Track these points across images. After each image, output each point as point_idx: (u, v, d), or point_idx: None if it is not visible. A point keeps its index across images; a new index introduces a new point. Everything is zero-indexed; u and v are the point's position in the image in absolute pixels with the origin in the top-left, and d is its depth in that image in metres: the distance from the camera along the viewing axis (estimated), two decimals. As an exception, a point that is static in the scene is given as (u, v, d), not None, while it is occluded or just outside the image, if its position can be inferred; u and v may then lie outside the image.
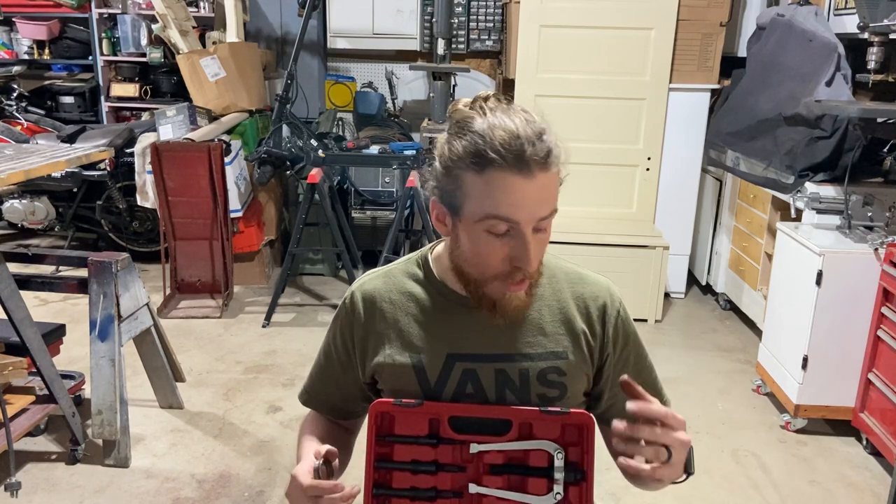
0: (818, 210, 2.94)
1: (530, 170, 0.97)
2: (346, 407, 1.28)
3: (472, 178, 1.00)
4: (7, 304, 2.27)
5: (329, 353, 1.26)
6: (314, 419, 1.29)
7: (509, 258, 1.03)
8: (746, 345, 3.75)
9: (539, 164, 0.98)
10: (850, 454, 2.77)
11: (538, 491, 1.12)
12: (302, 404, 1.32)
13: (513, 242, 1.02)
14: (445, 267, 1.16)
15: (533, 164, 0.97)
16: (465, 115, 1.04)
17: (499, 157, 0.97)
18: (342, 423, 1.31)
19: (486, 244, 1.03)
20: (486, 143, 0.98)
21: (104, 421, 2.49)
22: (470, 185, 1.01)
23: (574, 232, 3.93)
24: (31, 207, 4.49)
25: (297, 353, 3.51)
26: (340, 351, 1.23)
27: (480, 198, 1.00)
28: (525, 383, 1.14)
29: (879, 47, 3.04)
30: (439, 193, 1.07)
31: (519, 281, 1.06)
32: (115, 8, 4.89)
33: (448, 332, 1.16)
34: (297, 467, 1.08)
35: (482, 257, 1.04)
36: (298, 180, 4.30)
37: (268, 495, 2.43)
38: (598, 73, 4.11)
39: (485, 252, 1.04)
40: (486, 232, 1.02)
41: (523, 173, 0.98)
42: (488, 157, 0.98)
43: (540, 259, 1.08)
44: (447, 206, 1.06)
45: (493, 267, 1.05)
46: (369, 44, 4.96)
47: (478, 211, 1.01)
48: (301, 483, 1.04)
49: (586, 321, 1.17)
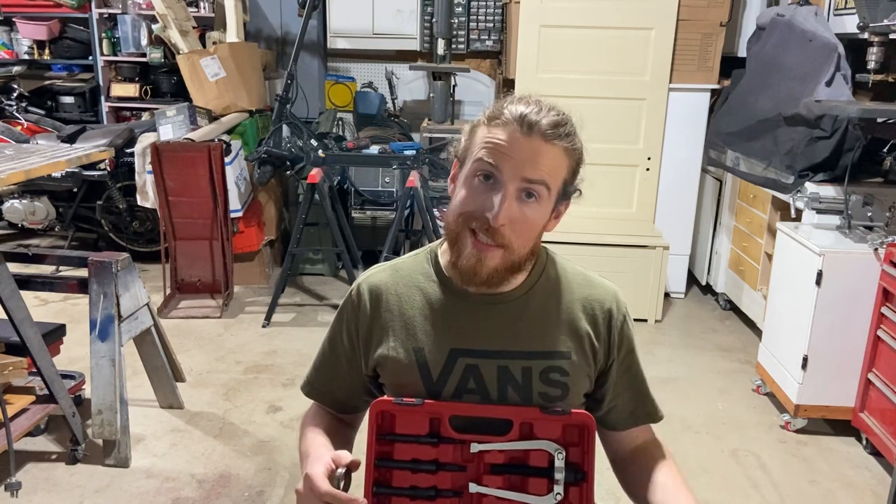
0: (818, 210, 2.94)
1: (530, 130, 1.06)
2: (348, 401, 1.28)
3: (481, 130, 1.11)
4: (7, 304, 2.27)
5: (334, 345, 1.26)
6: (316, 413, 1.29)
7: (485, 206, 1.06)
8: (746, 345, 3.75)
9: (540, 130, 1.06)
10: (850, 454, 2.77)
11: (538, 491, 1.12)
12: (305, 395, 1.31)
13: (493, 193, 1.07)
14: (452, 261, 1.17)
15: (534, 126, 1.06)
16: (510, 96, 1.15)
17: (509, 114, 1.07)
18: (344, 417, 1.31)
19: (469, 186, 1.09)
20: (506, 105, 1.10)
21: (104, 421, 2.49)
22: (478, 136, 1.11)
23: (574, 232, 3.93)
24: (32, 207, 4.49)
25: (297, 353, 3.51)
26: (346, 344, 1.23)
27: (480, 143, 1.09)
28: (527, 381, 1.15)
29: (879, 47, 3.04)
30: (457, 152, 1.16)
31: (486, 243, 1.07)
32: (115, 8, 4.89)
33: (452, 327, 1.16)
34: (311, 468, 1.05)
35: (463, 199, 1.09)
36: (298, 180, 4.30)
37: (268, 495, 2.43)
38: (598, 73, 4.11)
39: (468, 194, 1.09)
40: (473, 176, 1.09)
41: (522, 131, 1.06)
42: (501, 113, 1.08)
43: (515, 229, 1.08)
44: (459, 161, 1.14)
45: (470, 209, 1.08)
46: (369, 44, 4.96)
47: (474, 154, 1.10)
48: (318, 487, 1.02)
49: (591, 324, 1.18)
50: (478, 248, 1.08)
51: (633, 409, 1.23)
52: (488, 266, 1.09)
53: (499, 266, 1.09)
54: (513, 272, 1.13)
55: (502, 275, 1.12)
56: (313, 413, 1.29)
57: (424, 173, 3.93)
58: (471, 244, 1.08)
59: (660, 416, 1.25)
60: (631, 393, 1.23)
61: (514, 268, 1.12)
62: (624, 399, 1.22)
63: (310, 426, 1.24)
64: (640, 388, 1.23)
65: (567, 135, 1.09)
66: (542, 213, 1.10)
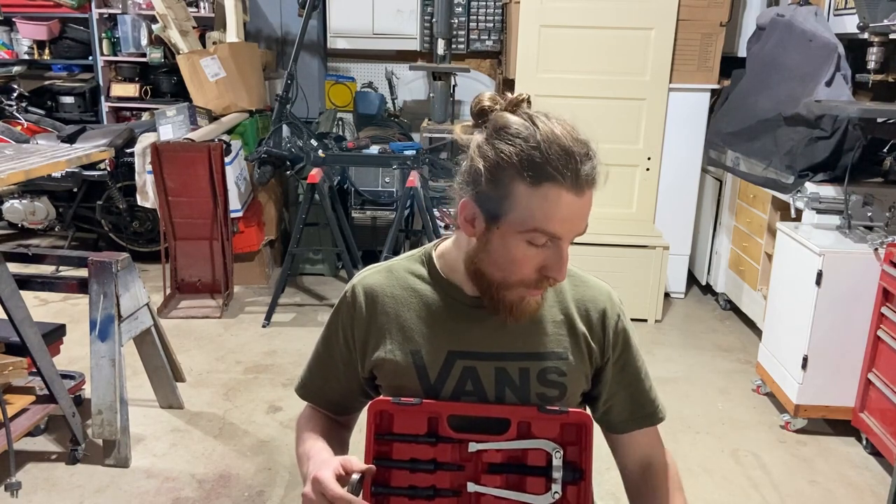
0: (818, 210, 2.94)
1: (583, 189, 1.00)
2: (344, 402, 1.27)
3: (525, 189, 0.99)
4: (7, 304, 2.27)
5: (329, 346, 1.25)
6: (311, 416, 1.28)
7: (541, 268, 1.05)
8: (746, 345, 3.75)
9: (590, 183, 1.01)
10: (850, 454, 2.77)
11: (536, 490, 1.12)
12: (299, 397, 1.30)
13: (547, 253, 1.03)
14: (451, 265, 1.17)
15: (585, 182, 1.00)
16: (509, 120, 1.03)
17: (558, 175, 0.98)
18: (339, 418, 1.30)
19: (523, 253, 1.03)
20: (544, 158, 0.98)
21: (104, 421, 2.50)
22: (520, 196, 1.00)
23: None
24: (32, 207, 4.50)
25: (297, 353, 3.51)
26: (341, 345, 1.23)
27: (530, 210, 1.00)
28: (525, 382, 1.15)
29: (879, 47, 3.04)
30: (477, 196, 1.04)
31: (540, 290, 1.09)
32: (115, 8, 4.89)
33: (449, 329, 1.16)
34: (318, 471, 1.02)
35: (514, 264, 1.05)
36: (298, 180, 4.30)
37: (268, 495, 2.43)
38: (598, 73, 4.11)
39: (520, 261, 1.04)
40: (525, 242, 1.02)
41: (576, 191, 0.99)
42: (547, 173, 0.98)
43: None
44: (484, 211, 1.04)
45: (524, 275, 1.06)
46: (369, 44, 4.96)
47: (525, 222, 1.00)
48: (330, 490, 0.99)
49: (586, 324, 1.18)
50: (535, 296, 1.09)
51: (631, 410, 1.22)
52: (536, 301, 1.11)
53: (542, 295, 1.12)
54: None
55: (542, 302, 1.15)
56: (308, 415, 1.29)
57: (424, 173, 3.94)
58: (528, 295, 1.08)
59: (660, 416, 1.23)
60: (627, 393, 1.21)
61: None
62: (620, 399, 1.21)
63: (306, 429, 1.24)
64: (637, 388, 1.22)
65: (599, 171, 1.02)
66: None
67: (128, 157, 4.24)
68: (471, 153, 1.05)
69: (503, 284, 1.07)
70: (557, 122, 1.03)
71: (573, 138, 1.01)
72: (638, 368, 1.22)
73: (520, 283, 1.06)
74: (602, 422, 1.24)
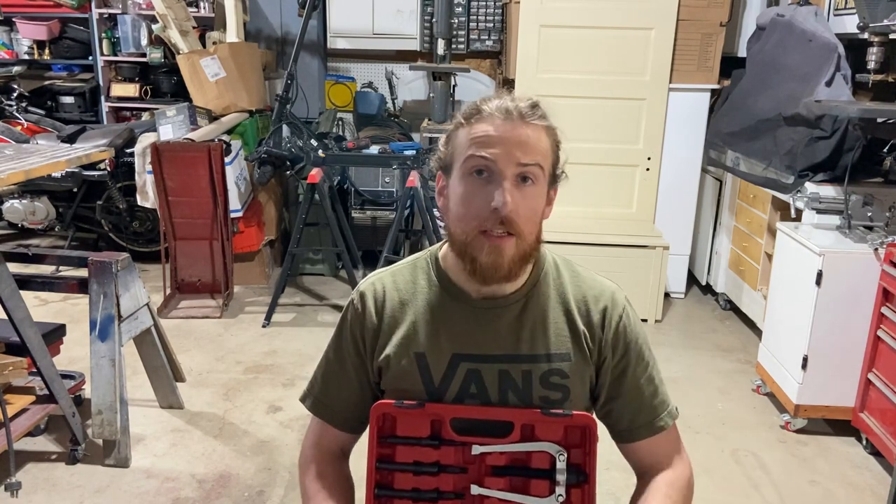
0: (818, 210, 2.94)
1: (512, 117, 1.07)
2: (357, 414, 1.23)
3: (462, 131, 1.11)
4: (7, 304, 2.27)
5: (341, 356, 1.22)
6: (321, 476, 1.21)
7: (488, 202, 1.06)
8: (746, 345, 3.75)
9: (521, 114, 1.08)
10: (850, 454, 2.77)
11: (540, 492, 1.12)
12: (310, 412, 1.25)
13: (492, 186, 1.06)
14: (452, 265, 1.17)
15: (515, 113, 1.08)
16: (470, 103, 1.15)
17: (487, 108, 1.09)
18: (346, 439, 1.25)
19: (468, 187, 1.08)
20: (480, 102, 1.11)
21: (104, 421, 2.49)
22: (460, 138, 1.11)
23: (574, 232, 3.93)
24: (32, 207, 4.49)
25: (297, 353, 3.51)
26: (352, 352, 1.21)
27: (466, 142, 1.09)
28: (528, 385, 1.14)
29: (879, 47, 3.04)
30: (440, 163, 1.16)
31: (499, 235, 1.06)
32: (115, 8, 4.89)
33: (454, 331, 1.16)
34: None
35: (464, 203, 1.08)
36: (298, 180, 4.29)
37: (268, 495, 2.43)
38: (598, 73, 4.11)
39: (466, 197, 1.08)
40: (467, 174, 1.08)
41: (504, 119, 1.07)
42: (479, 109, 1.10)
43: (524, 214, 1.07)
44: (444, 172, 1.14)
45: (474, 210, 1.07)
46: (369, 44, 4.96)
47: (462, 154, 1.09)
48: None
49: (586, 322, 1.17)
50: (494, 243, 1.07)
51: (630, 419, 1.18)
52: (507, 256, 1.08)
53: (515, 255, 1.09)
54: (525, 261, 1.12)
55: (519, 265, 1.11)
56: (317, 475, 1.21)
57: (424, 173, 3.93)
58: (486, 242, 1.07)
59: (658, 426, 1.18)
60: (625, 400, 1.18)
61: (526, 256, 1.11)
62: (618, 406, 1.18)
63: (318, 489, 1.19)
64: (635, 396, 1.18)
65: (544, 115, 1.11)
66: (541, 196, 1.11)
67: (128, 157, 4.23)
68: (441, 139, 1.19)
69: (466, 238, 1.09)
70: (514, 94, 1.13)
71: (517, 96, 1.11)
72: (637, 375, 1.18)
73: (476, 226, 1.07)
74: (608, 427, 1.22)
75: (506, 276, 1.11)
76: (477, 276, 1.11)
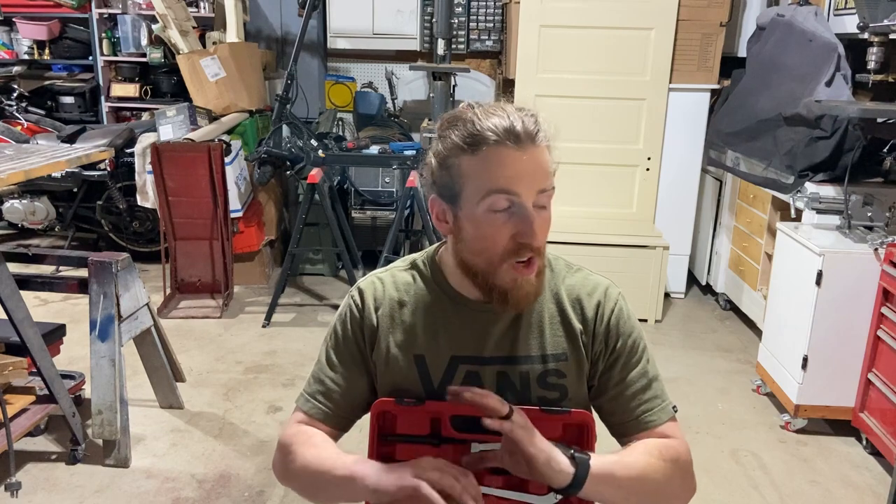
0: (818, 210, 2.94)
1: (522, 142, 1.01)
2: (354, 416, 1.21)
3: (467, 160, 1.04)
4: (7, 304, 2.27)
5: (341, 356, 1.20)
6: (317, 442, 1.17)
7: (514, 235, 1.04)
8: (746, 345, 3.75)
9: (530, 137, 1.02)
10: (850, 454, 2.77)
11: (539, 490, 1.12)
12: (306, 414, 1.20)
13: (515, 218, 1.03)
14: (450, 268, 1.16)
15: (524, 136, 1.02)
16: (454, 113, 1.08)
17: (492, 134, 1.01)
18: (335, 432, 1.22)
19: (490, 224, 1.04)
20: (479, 125, 1.03)
21: (104, 421, 2.49)
22: (466, 168, 1.04)
23: (574, 232, 3.93)
24: (32, 207, 4.49)
25: (297, 353, 3.51)
26: (353, 351, 1.19)
27: (478, 177, 1.03)
28: (525, 386, 1.14)
29: (879, 47, 3.04)
30: (437, 189, 1.09)
31: (527, 262, 1.05)
32: (115, 8, 4.89)
33: (452, 333, 1.16)
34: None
35: (487, 239, 1.05)
36: (298, 180, 4.30)
37: (268, 495, 2.43)
38: (598, 73, 4.11)
39: (489, 232, 1.04)
40: (488, 211, 1.04)
41: (517, 145, 1.01)
42: (482, 136, 1.02)
43: (545, 237, 1.07)
44: (446, 200, 1.08)
45: (499, 247, 1.04)
46: (369, 44, 4.96)
47: (478, 190, 1.03)
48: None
49: (581, 319, 1.17)
50: (525, 275, 1.06)
51: (622, 413, 1.15)
52: (536, 281, 1.08)
53: (538, 272, 1.09)
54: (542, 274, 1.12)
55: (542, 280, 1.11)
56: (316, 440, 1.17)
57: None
58: (517, 275, 1.06)
59: (648, 420, 1.14)
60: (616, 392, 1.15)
61: (543, 269, 1.11)
62: (611, 397, 1.16)
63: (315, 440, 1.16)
64: (627, 389, 1.15)
65: (546, 132, 1.05)
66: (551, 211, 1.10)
67: (128, 157, 4.23)
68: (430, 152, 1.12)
69: (489, 269, 1.07)
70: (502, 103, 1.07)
71: (512, 108, 1.05)
72: (629, 368, 1.16)
73: (501, 260, 1.05)
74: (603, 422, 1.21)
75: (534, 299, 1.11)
76: (510, 306, 1.09)
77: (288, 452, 1.18)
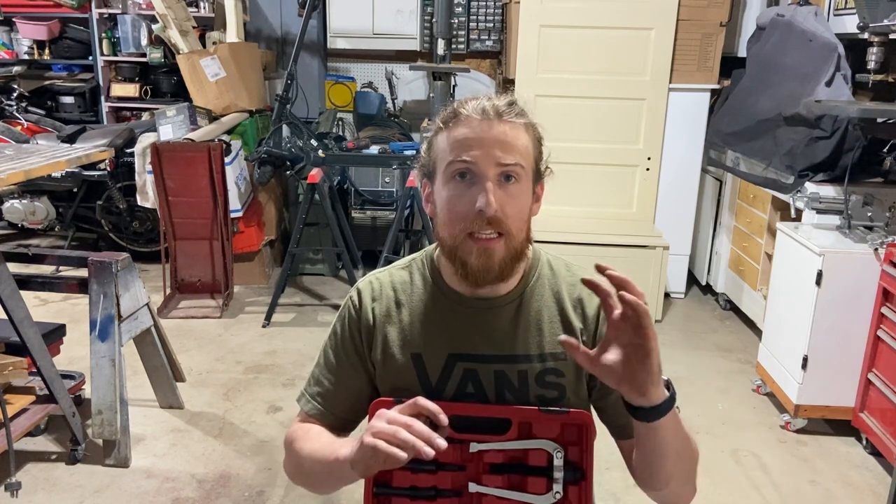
0: (818, 210, 2.94)
1: (489, 116, 1.07)
2: (354, 417, 1.22)
3: (441, 136, 1.11)
4: (7, 304, 2.27)
5: (340, 357, 1.21)
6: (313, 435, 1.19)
7: (472, 204, 1.05)
8: (746, 345, 3.75)
9: (497, 112, 1.07)
10: (850, 454, 2.77)
11: (538, 490, 1.12)
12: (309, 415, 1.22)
13: (475, 188, 1.06)
14: (445, 267, 1.17)
15: (492, 111, 1.07)
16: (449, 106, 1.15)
17: (464, 110, 1.08)
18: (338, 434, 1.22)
19: (451, 191, 1.08)
20: (458, 106, 1.10)
21: (104, 421, 2.49)
22: (440, 143, 1.11)
23: (574, 232, 3.93)
24: (32, 207, 4.50)
25: (297, 353, 3.51)
26: (350, 352, 1.20)
27: (446, 148, 1.09)
28: (524, 385, 1.14)
29: (879, 47, 3.04)
30: (423, 170, 1.16)
31: (487, 237, 1.06)
32: (115, 8, 4.89)
33: (450, 332, 1.16)
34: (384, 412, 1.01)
35: (448, 208, 1.08)
36: (298, 180, 4.30)
37: (268, 495, 2.43)
38: (598, 73, 4.11)
39: (451, 201, 1.08)
40: (451, 180, 1.08)
41: (481, 118, 1.07)
42: (456, 113, 1.09)
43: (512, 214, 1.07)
44: (428, 178, 1.14)
45: (459, 213, 1.07)
46: (369, 44, 4.96)
47: (444, 161, 1.09)
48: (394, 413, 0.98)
49: (581, 319, 1.17)
50: (482, 245, 1.06)
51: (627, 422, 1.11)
52: (497, 258, 1.07)
53: (504, 256, 1.08)
54: (517, 261, 1.11)
55: (510, 265, 1.10)
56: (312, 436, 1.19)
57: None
58: (475, 245, 1.06)
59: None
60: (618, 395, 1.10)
61: (516, 256, 1.10)
62: (612, 399, 1.16)
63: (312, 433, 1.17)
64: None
65: (522, 112, 1.10)
66: (526, 193, 1.10)
67: (128, 157, 4.24)
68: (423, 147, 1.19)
69: (454, 243, 1.08)
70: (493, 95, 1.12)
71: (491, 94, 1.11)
72: None
73: (462, 230, 1.06)
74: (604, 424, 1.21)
75: (497, 278, 1.10)
76: (469, 279, 1.10)
77: (290, 451, 1.21)
